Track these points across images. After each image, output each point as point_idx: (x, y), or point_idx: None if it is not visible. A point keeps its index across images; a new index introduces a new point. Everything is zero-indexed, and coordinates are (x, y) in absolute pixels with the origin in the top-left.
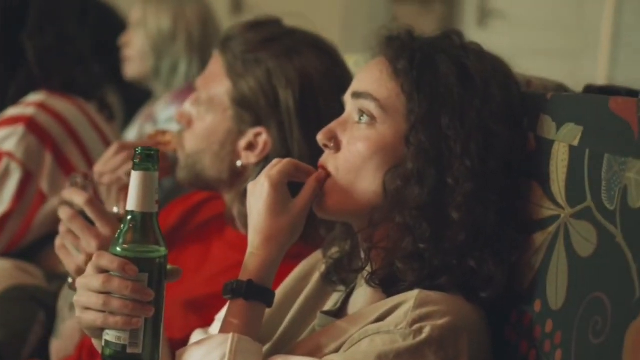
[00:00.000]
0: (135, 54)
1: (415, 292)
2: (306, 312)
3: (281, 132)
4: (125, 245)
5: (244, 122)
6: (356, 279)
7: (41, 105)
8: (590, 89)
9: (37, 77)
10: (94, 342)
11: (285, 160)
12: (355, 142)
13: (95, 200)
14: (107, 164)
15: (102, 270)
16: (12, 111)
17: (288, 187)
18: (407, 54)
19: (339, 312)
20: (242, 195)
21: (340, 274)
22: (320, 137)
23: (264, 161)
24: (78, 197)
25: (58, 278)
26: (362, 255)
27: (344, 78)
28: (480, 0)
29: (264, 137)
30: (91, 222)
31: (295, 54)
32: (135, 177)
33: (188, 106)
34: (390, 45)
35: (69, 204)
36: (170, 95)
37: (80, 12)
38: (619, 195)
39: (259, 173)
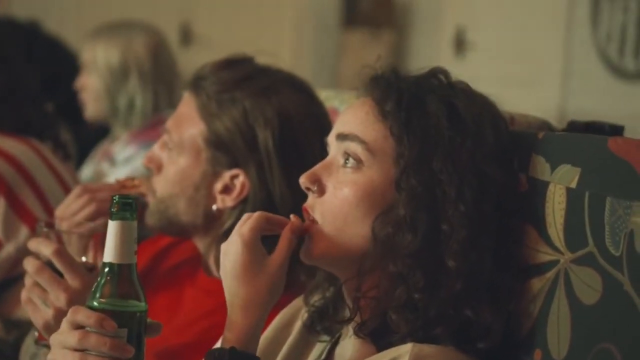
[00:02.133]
0: (91, 96)
1: (408, 347)
2: None
3: (261, 174)
4: (102, 300)
5: (220, 164)
6: (342, 328)
7: None
8: (574, 126)
9: None
10: None
11: (256, 215)
12: (341, 187)
13: (64, 251)
14: (67, 208)
15: (78, 326)
16: None
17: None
18: (394, 94)
19: None
20: (219, 241)
21: (324, 323)
22: (303, 181)
23: (242, 204)
24: (45, 248)
25: (16, 327)
26: (350, 304)
27: (322, 116)
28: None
29: (241, 179)
30: (59, 274)
31: (273, 93)
32: (112, 227)
33: (157, 150)
34: (376, 85)
35: (35, 255)
36: (128, 135)
37: (27, 49)
38: (624, 241)
39: (237, 216)
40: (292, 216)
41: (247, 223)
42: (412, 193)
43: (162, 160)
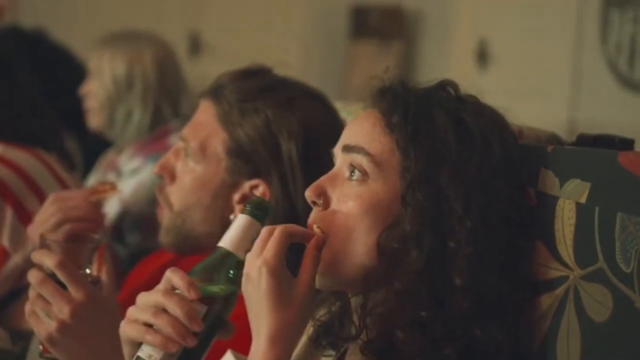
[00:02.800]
0: (95, 105)
1: None
2: None
3: (284, 184)
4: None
5: (240, 173)
6: (348, 344)
7: None
8: (583, 139)
9: None
10: (126, 356)
11: (278, 234)
12: (346, 200)
13: (68, 263)
14: (39, 216)
15: (171, 288)
16: None
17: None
18: (401, 107)
19: None
20: None
21: (329, 338)
22: (309, 194)
23: None
24: (48, 260)
25: (23, 338)
26: (356, 321)
27: (340, 127)
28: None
29: (261, 189)
30: (63, 286)
31: (295, 104)
32: (240, 219)
33: (170, 158)
34: (383, 97)
35: (39, 267)
36: (133, 147)
37: (31, 58)
38: (636, 258)
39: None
40: (316, 228)
41: (270, 247)
42: (418, 208)
43: (175, 168)
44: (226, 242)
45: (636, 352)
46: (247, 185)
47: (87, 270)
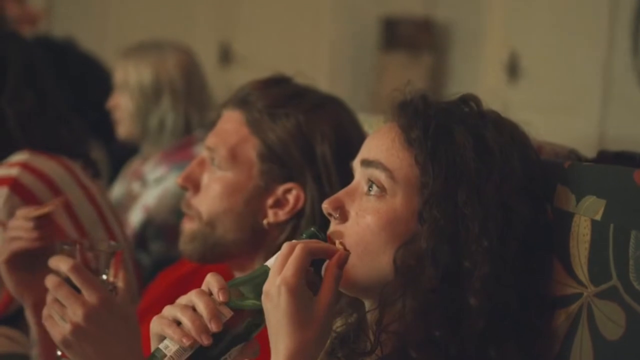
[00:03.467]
0: (123, 116)
1: None
2: None
3: (319, 186)
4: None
5: (273, 178)
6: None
7: (25, 166)
8: (604, 156)
9: (19, 140)
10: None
11: (298, 253)
12: (364, 214)
13: (82, 267)
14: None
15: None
16: None
17: None
18: (421, 122)
19: None
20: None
21: (344, 351)
22: (326, 206)
23: (296, 218)
24: (63, 264)
25: None
26: (371, 337)
27: (364, 132)
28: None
29: (294, 193)
30: (79, 291)
31: (324, 108)
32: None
33: (195, 168)
34: (403, 112)
35: (56, 273)
36: (158, 156)
37: (60, 68)
38: None
39: (290, 230)
40: (338, 245)
41: (290, 266)
42: (434, 225)
43: (199, 179)
44: (272, 262)
45: None
46: (280, 190)
47: (104, 276)
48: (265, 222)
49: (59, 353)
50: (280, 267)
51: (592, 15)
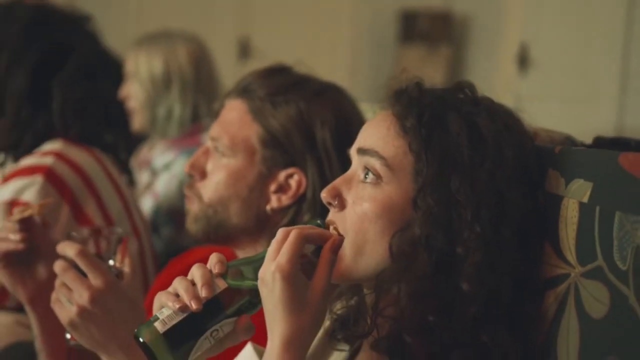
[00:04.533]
0: (136, 106)
1: None
2: None
3: (320, 171)
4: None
5: (275, 163)
6: (361, 340)
7: (59, 155)
8: (599, 142)
9: (56, 127)
10: None
11: (292, 239)
12: (360, 202)
13: (87, 252)
14: None
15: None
16: (28, 161)
17: None
18: (415, 110)
19: None
20: None
21: (344, 332)
22: (324, 195)
23: (298, 202)
24: (70, 250)
25: None
26: (367, 319)
27: (363, 120)
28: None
29: (296, 178)
30: (86, 276)
31: (324, 95)
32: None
33: (200, 157)
34: (398, 100)
35: (64, 258)
36: (166, 143)
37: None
38: (631, 255)
39: (292, 215)
40: (332, 230)
41: (284, 252)
42: (428, 212)
43: (205, 167)
44: None
45: (631, 349)
46: (282, 175)
47: (111, 262)
48: (268, 207)
49: (68, 336)
50: (275, 253)
51: (608, 7)
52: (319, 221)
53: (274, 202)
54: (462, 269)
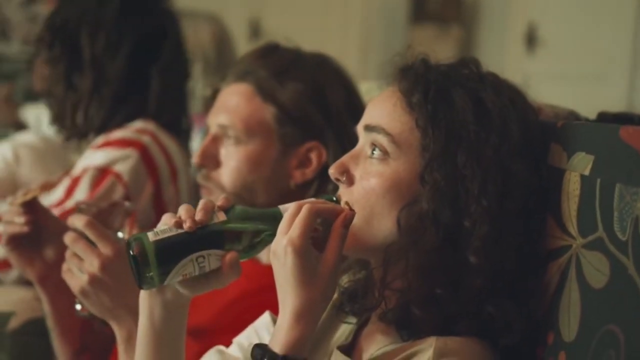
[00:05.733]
0: None
1: (432, 340)
2: (317, 341)
3: (339, 139)
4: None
5: (294, 139)
6: (369, 313)
7: (154, 136)
8: (603, 117)
9: (150, 111)
10: None
11: (304, 214)
12: (368, 177)
13: (95, 223)
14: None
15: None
16: (122, 133)
17: None
18: (421, 86)
19: (350, 347)
20: None
21: (352, 305)
22: (332, 172)
23: (320, 175)
24: (78, 221)
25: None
26: (375, 292)
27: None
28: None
29: (316, 151)
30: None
31: (325, 66)
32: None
33: (209, 146)
34: (404, 77)
35: (74, 230)
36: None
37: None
38: (631, 226)
39: (317, 187)
40: (344, 204)
41: (296, 226)
42: (435, 187)
43: (217, 154)
44: (287, 208)
45: (630, 318)
46: (303, 149)
47: (119, 234)
48: (292, 183)
49: (78, 307)
50: (287, 227)
51: None
52: (331, 196)
53: (297, 177)
54: (469, 242)
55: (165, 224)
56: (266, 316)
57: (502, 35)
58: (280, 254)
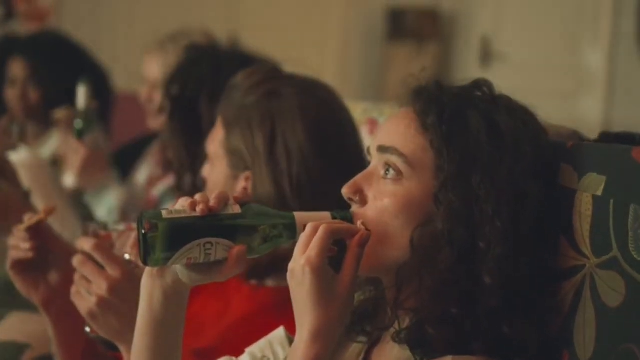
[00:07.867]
0: (155, 109)
1: (448, 359)
2: None
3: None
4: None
5: (236, 167)
6: (380, 332)
7: None
8: (606, 136)
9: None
10: None
11: (322, 234)
12: (381, 197)
13: (103, 246)
14: None
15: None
16: None
17: None
18: (435, 107)
19: None
20: None
21: (363, 325)
22: (345, 191)
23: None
24: (86, 244)
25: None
26: (389, 312)
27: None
28: (481, 42)
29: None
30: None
31: (274, 96)
32: (324, 215)
33: (206, 169)
34: (418, 98)
35: (82, 252)
36: None
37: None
38: None
39: None
40: (360, 225)
41: (313, 246)
42: (450, 207)
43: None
44: (302, 217)
45: None
46: (242, 178)
47: (127, 256)
48: None
49: (88, 329)
50: (305, 247)
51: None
52: (346, 213)
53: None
54: (483, 262)
55: (182, 206)
56: (281, 331)
57: (464, 50)
58: (298, 274)
